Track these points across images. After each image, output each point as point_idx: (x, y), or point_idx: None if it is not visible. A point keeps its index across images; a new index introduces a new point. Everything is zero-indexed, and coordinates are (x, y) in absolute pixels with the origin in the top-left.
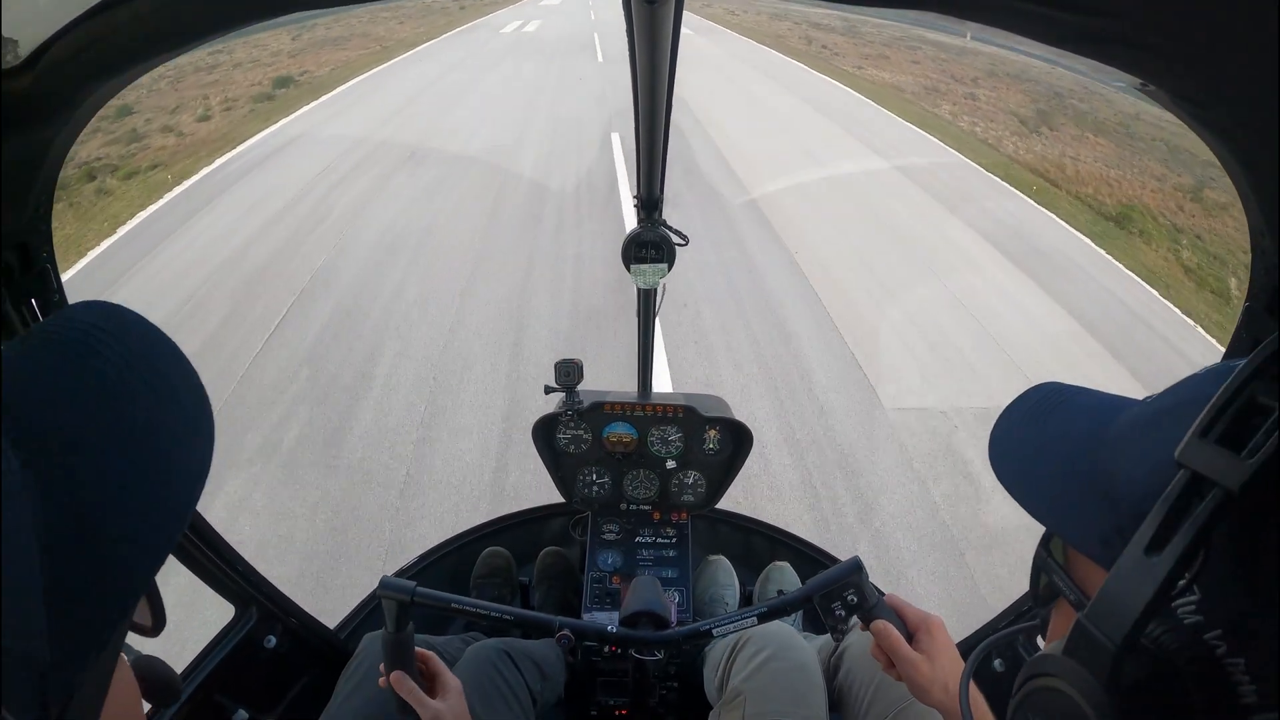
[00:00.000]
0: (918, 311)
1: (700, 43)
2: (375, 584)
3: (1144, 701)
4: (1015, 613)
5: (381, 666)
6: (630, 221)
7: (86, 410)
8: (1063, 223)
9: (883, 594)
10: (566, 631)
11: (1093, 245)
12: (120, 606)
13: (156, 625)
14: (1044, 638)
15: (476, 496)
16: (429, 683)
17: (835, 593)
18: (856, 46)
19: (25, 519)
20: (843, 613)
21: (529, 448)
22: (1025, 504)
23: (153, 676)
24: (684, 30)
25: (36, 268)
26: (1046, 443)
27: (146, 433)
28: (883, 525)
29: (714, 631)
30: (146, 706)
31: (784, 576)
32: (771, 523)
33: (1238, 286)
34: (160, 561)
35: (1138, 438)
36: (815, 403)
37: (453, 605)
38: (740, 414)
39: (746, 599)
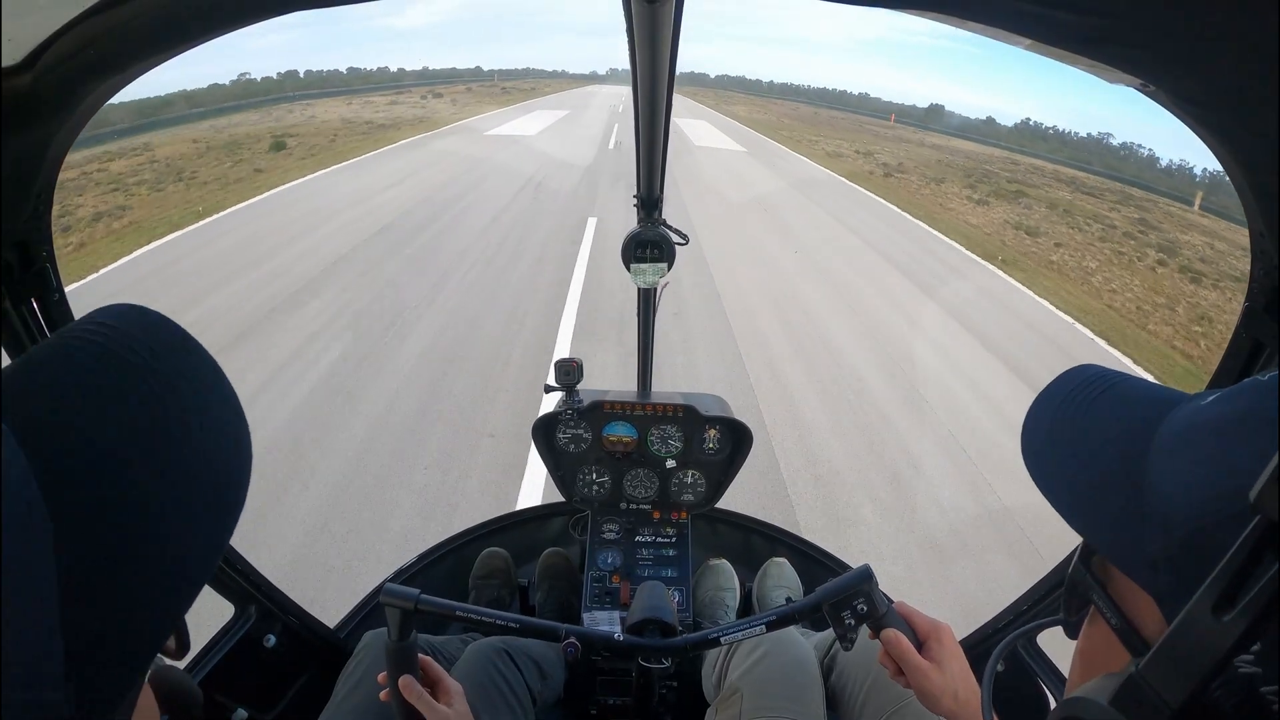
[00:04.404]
0: None
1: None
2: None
3: None
4: (1016, 612)
5: (381, 677)
6: None
7: (117, 431)
8: None
9: (891, 602)
10: (573, 640)
11: None
12: (150, 646)
13: (180, 648)
14: (1071, 638)
15: None
16: (431, 688)
17: (845, 601)
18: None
19: (44, 557)
20: (852, 621)
21: None
22: (1066, 515)
23: (171, 689)
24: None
25: (36, 267)
26: (1087, 440)
27: (184, 455)
28: None
29: (722, 639)
30: None
31: (782, 572)
32: (771, 522)
33: None
34: (196, 592)
35: (1194, 453)
36: None
37: (457, 613)
38: None
39: (746, 596)
